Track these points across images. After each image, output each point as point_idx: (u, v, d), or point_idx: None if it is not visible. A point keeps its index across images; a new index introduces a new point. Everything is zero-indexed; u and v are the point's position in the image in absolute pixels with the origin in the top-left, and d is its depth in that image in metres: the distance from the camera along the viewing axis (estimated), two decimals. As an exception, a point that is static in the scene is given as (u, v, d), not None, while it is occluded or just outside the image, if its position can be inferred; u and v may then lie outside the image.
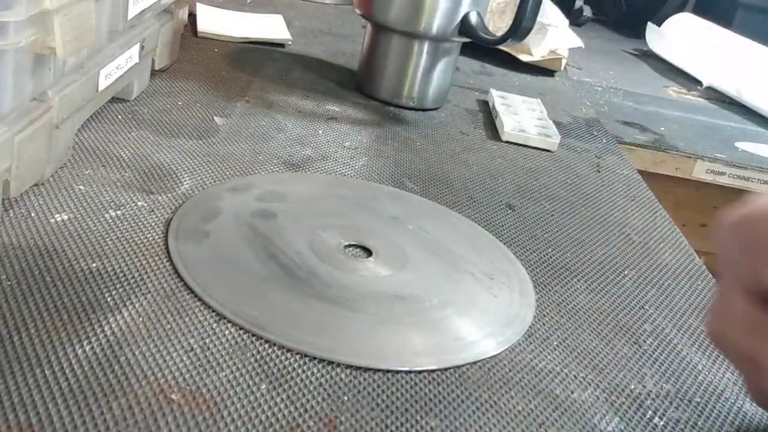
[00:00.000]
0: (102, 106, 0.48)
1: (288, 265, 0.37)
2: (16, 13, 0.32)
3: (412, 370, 0.32)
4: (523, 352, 0.35)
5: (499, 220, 0.47)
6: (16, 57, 0.33)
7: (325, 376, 0.31)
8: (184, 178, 0.44)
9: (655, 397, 0.34)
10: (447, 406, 0.30)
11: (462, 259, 0.41)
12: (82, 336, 0.30)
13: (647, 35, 1.13)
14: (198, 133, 0.51)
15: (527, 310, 0.38)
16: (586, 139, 0.67)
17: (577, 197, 0.54)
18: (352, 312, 0.35)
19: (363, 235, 0.41)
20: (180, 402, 0.27)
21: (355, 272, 0.38)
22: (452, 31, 0.61)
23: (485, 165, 0.56)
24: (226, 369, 0.30)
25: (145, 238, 0.37)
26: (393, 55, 0.63)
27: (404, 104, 0.64)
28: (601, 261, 0.45)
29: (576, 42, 0.95)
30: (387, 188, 0.48)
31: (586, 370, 0.35)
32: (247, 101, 0.58)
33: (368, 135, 0.57)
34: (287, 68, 0.68)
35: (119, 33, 0.46)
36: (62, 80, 0.39)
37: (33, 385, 0.27)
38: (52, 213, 0.38)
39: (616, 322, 0.39)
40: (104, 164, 0.43)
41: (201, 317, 0.32)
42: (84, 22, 0.37)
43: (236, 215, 0.41)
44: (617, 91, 0.88)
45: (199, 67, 0.63)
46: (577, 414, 0.31)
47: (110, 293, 0.33)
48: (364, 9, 0.63)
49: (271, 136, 0.53)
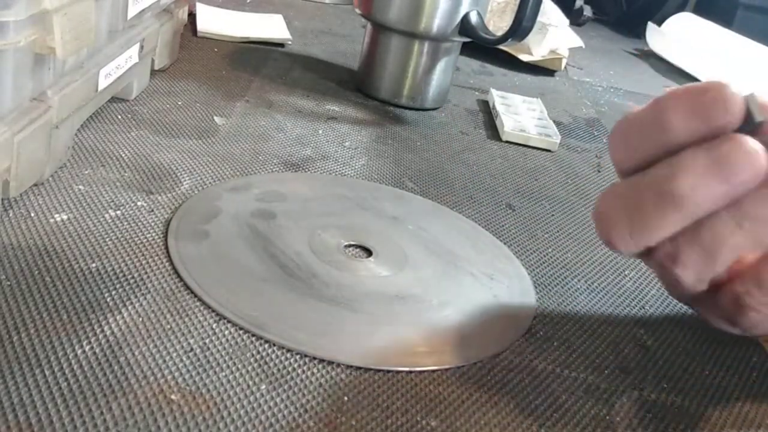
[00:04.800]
0: (102, 105, 0.48)
1: (288, 265, 0.37)
2: (16, 13, 0.32)
3: (412, 370, 0.32)
4: (523, 352, 0.35)
5: (499, 220, 0.47)
6: (16, 57, 0.33)
7: (325, 376, 0.31)
8: (183, 178, 0.44)
9: (655, 398, 0.34)
10: (447, 406, 0.30)
11: (462, 259, 0.41)
12: (82, 336, 0.30)
13: (647, 35, 1.13)
14: (198, 133, 0.51)
15: (527, 310, 0.38)
16: (586, 139, 0.67)
17: (577, 197, 0.54)
18: (352, 312, 0.35)
19: (363, 235, 0.41)
20: (180, 402, 0.27)
21: (355, 272, 0.38)
22: (452, 31, 0.61)
23: (485, 165, 0.56)
24: (226, 369, 0.30)
25: (145, 238, 0.37)
26: (393, 55, 0.63)
27: (404, 104, 0.64)
28: (601, 261, 0.45)
29: (576, 42, 0.95)
30: (387, 188, 0.48)
31: (587, 370, 0.34)
32: (247, 101, 0.58)
33: (368, 135, 0.57)
34: (287, 68, 0.68)
35: (119, 33, 0.46)
36: (62, 80, 0.39)
37: (33, 385, 0.27)
38: (51, 213, 0.37)
39: (617, 322, 0.39)
40: (104, 164, 0.43)
41: (201, 317, 0.32)
42: (84, 21, 0.37)
43: (236, 215, 0.41)
44: (618, 91, 0.88)
45: (198, 67, 0.63)
46: (577, 414, 0.31)
47: (110, 293, 0.33)
48: (364, 9, 0.63)
49: (271, 136, 0.53)
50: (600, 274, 0.43)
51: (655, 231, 0.29)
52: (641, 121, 0.30)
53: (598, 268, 0.44)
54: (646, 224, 0.29)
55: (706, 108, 0.28)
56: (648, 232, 0.29)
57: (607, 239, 0.31)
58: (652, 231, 0.29)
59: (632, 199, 0.30)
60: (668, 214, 0.29)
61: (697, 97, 0.28)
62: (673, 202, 0.28)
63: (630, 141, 0.31)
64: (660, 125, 0.29)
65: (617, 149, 0.31)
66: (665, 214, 0.29)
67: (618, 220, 0.30)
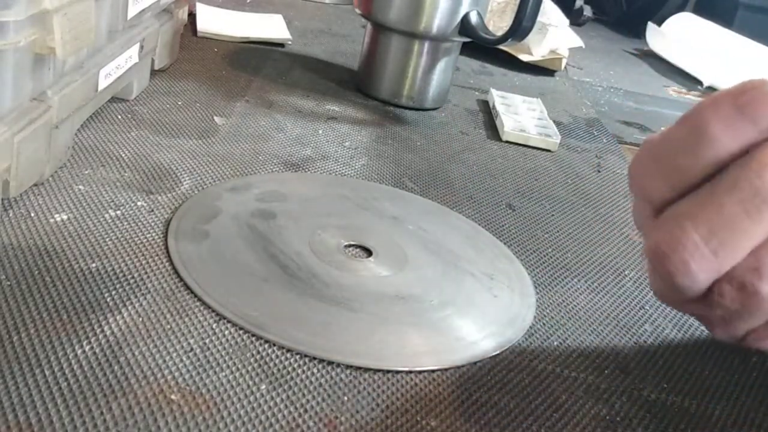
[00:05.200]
0: (101, 105, 0.48)
1: (288, 265, 0.37)
2: (16, 13, 0.32)
3: (412, 370, 0.32)
4: (523, 352, 0.35)
5: (499, 220, 0.47)
6: (16, 57, 0.33)
7: (325, 376, 0.31)
8: (183, 177, 0.44)
9: (655, 398, 0.34)
10: (447, 406, 0.30)
11: (462, 259, 0.41)
12: (82, 336, 0.30)
13: (647, 35, 1.13)
14: (198, 133, 0.51)
15: (527, 310, 0.38)
16: (586, 139, 0.67)
17: (577, 197, 0.54)
18: (352, 312, 0.35)
19: (363, 235, 0.41)
20: (180, 402, 0.27)
21: (355, 272, 0.38)
22: (452, 31, 0.61)
23: (485, 165, 0.56)
24: (226, 369, 0.30)
25: (145, 238, 0.37)
26: (393, 55, 0.63)
27: (404, 104, 0.64)
28: (602, 261, 0.45)
29: (576, 42, 0.95)
30: (387, 188, 0.48)
31: (587, 370, 0.34)
32: (247, 101, 0.58)
33: (368, 135, 0.57)
34: (287, 68, 0.68)
35: (119, 33, 0.46)
36: (62, 80, 0.39)
37: (33, 385, 0.27)
38: (51, 213, 0.37)
39: (616, 322, 0.39)
40: (104, 164, 0.43)
41: (201, 317, 0.32)
42: (83, 21, 0.37)
43: (236, 215, 0.41)
44: (617, 91, 0.88)
45: (198, 67, 0.63)
46: (577, 414, 0.31)
47: (110, 293, 0.33)
48: (364, 9, 0.63)
49: (271, 136, 0.53)
50: (600, 274, 0.43)
51: (747, 241, 0.26)
52: (675, 140, 0.27)
53: (598, 268, 0.44)
54: (734, 236, 0.26)
55: (751, 108, 0.26)
56: (739, 243, 0.26)
57: (680, 264, 0.26)
58: (743, 241, 0.26)
59: (713, 214, 0.26)
60: (764, 219, 0.25)
61: (737, 100, 0.26)
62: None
63: (665, 166, 0.27)
64: (701, 139, 0.26)
65: (649, 177, 0.28)
66: (761, 220, 0.25)
67: (693, 240, 0.26)
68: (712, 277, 0.26)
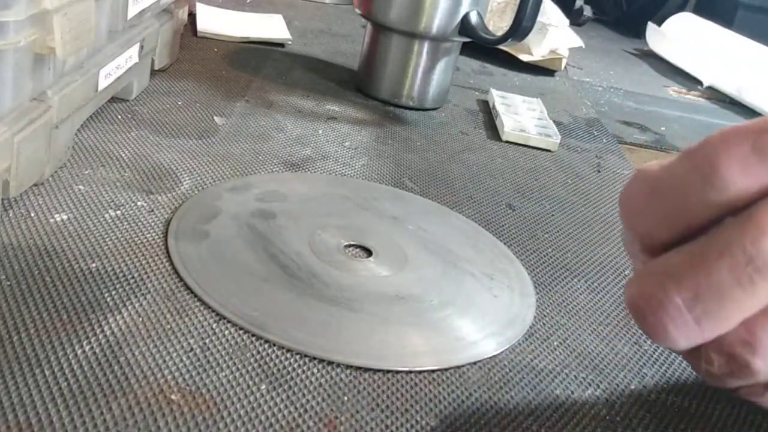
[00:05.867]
0: (102, 105, 0.48)
1: (288, 265, 0.37)
2: (16, 13, 0.32)
3: (412, 370, 0.32)
4: (523, 352, 0.35)
5: (499, 220, 0.47)
6: (16, 57, 0.33)
7: (325, 376, 0.31)
8: (183, 177, 0.44)
9: (655, 398, 0.34)
10: (447, 406, 0.30)
11: (462, 259, 0.41)
12: (82, 336, 0.30)
13: (647, 35, 1.13)
14: (198, 133, 0.51)
15: (527, 310, 0.38)
16: (586, 139, 0.67)
17: (577, 197, 0.54)
18: (352, 312, 0.35)
19: (363, 235, 0.41)
20: (180, 402, 0.27)
21: (355, 272, 0.38)
22: (452, 31, 0.61)
23: (485, 165, 0.56)
24: (226, 369, 0.30)
25: (145, 238, 0.37)
26: (393, 55, 0.63)
27: (404, 104, 0.64)
28: (602, 261, 0.45)
29: (576, 42, 0.95)
30: (387, 188, 0.48)
31: (587, 370, 0.34)
32: (246, 101, 0.58)
33: (368, 135, 0.57)
34: (287, 68, 0.68)
35: (119, 33, 0.46)
36: (62, 80, 0.39)
37: (33, 385, 0.27)
38: (51, 213, 0.37)
39: (617, 322, 0.39)
40: (104, 164, 0.43)
41: (201, 317, 0.32)
42: (83, 21, 0.37)
43: (236, 215, 0.41)
44: (617, 91, 0.88)
45: (198, 67, 0.63)
46: (577, 414, 0.31)
47: (110, 293, 0.33)
48: (364, 9, 0.63)
49: (271, 136, 0.53)
50: (600, 274, 0.43)
51: (736, 312, 0.23)
52: (678, 177, 0.24)
53: (598, 268, 0.44)
54: (722, 306, 0.23)
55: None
56: (727, 314, 0.23)
57: (659, 326, 0.24)
58: (731, 312, 0.23)
59: (701, 278, 0.23)
60: (757, 291, 0.23)
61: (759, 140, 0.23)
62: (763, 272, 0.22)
63: (665, 205, 0.24)
64: (710, 179, 0.23)
65: (644, 216, 0.25)
66: (754, 292, 0.23)
67: (675, 304, 0.23)
68: (695, 343, 0.24)
